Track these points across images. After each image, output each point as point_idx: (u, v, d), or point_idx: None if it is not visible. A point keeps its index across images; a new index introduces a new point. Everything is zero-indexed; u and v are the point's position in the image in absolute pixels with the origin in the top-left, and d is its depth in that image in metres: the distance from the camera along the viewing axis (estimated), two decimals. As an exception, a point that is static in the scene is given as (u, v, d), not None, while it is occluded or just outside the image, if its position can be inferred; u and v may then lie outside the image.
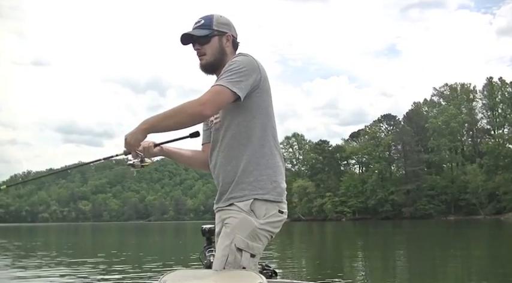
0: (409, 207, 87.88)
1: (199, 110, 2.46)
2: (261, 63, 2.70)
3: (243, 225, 2.54)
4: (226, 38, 2.75)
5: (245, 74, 2.55)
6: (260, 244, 2.57)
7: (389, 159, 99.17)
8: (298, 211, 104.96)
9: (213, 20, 2.74)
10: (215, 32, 2.72)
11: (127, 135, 2.55)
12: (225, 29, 2.76)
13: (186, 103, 2.49)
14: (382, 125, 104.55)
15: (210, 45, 2.72)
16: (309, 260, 15.78)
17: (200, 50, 2.73)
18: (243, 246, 2.51)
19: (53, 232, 54.32)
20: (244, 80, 2.55)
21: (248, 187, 2.58)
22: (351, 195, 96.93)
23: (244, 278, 2.35)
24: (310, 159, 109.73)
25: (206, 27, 2.72)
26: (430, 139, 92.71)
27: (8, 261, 15.62)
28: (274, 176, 2.63)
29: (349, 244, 23.97)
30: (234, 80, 2.51)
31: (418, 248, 19.83)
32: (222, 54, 2.73)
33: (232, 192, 2.61)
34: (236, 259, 2.50)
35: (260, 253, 2.59)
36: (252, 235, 2.53)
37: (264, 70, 2.68)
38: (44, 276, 11.40)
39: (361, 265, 14.19)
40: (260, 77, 2.63)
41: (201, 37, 2.71)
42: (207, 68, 2.76)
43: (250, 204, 2.56)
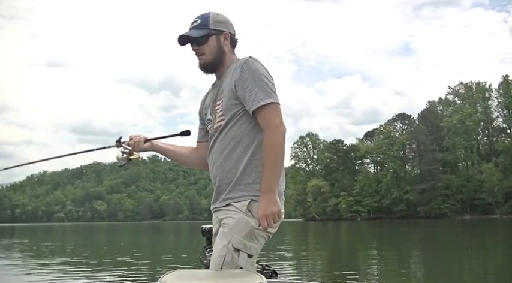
0: (424, 207, 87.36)
1: (283, 133, 2.55)
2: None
3: (241, 226, 2.53)
4: (224, 36, 2.73)
5: (271, 81, 2.61)
6: (257, 244, 2.56)
7: (404, 158, 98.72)
8: (312, 210, 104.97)
9: (209, 19, 2.71)
10: (212, 31, 2.69)
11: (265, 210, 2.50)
12: (222, 28, 2.73)
13: (271, 140, 2.53)
14: (397, 124, 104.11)
15: (207, 45, 2.70)
16: (323, 260, 15.74)
17: (198, 50, 2.71)
18: (240, 246, 2.50)
19: (70, 232, 54.64)
20: (274, 87, 2.62)
21: (246, 188, 2.57)
22: (365, 195, 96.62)
23: (244, 278, 2.35)
24: (324, 159, 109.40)
25: (203, 27, 2.70)
26: (445, 138, 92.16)
27: (32, 261, 15.75)
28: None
29: (364, 244, 23.86)
30: (273, 92, 2.58)
31: (434, 248, 19.70)
32: (221, 53, 2.72)
33: (229, 192, 2.60)
34: (233, 260, 2.49)
35: (257, 254, 2.58)
36: (249, 236, 2.52)
37: None
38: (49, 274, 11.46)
39: (376, 265, 14.13)
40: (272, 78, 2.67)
41: (198, 38, 2.69)
42: (206, 68, 2.75)
43: (248, 205, 2.54)
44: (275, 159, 2.53)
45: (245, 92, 2.56)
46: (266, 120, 2.54)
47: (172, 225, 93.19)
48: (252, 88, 2.55)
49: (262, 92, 2.54)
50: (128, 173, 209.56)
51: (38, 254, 18.96)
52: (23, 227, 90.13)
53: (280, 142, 2.54)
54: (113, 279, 10.92)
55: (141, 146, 2.86)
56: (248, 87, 2.55)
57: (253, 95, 2.54)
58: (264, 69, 2.62)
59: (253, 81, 2.55)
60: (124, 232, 51.95)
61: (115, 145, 2.88)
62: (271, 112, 2.54)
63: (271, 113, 2.54)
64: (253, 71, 2.57)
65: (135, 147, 2.84)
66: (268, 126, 2.54)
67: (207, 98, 2.85)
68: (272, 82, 2.61)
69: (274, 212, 2.49)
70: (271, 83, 2.60)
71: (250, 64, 2.60)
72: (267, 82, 2.57)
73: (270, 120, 2.53)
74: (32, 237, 39.44)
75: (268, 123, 2.54)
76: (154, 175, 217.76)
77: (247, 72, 2.57)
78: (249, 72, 2.57)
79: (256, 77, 2.56)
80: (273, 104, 2.54)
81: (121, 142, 2.88)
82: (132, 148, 2.83)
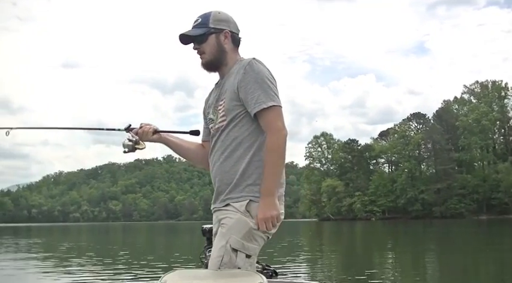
0: (440, 206, 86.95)
1: (284, 137, 2.58)
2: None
3: (239, 226, 2.53)
4: (224, 35, 2.71)
5: (274, 83, 2.61)
6: (256, 245, 2.56)
7: (419, 157, 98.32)
8: (327, 210, 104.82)
9: (210, 17, 2.71)
10: (212, 29, 2.69)
11: (265, 214, 2.53)
12: (223, 26, 2.72)
13: (273, 143, 2.55)
14: (412, 124, 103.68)
15: (207, 43, 2.69)
16: (337, 261, 15.69)
17: (199, 49, 2.72)
18: (238, 246, 2.50)
19: (76, 232, 54.96)
20: (276, 89, 2.61)
21: (245, 189, 2.57)
22: (380, 195, 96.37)
23: (244, 278, 2.34)
24: (339, 159, 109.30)
25: (203, 25, 2.70)
26: (460, 137, 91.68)
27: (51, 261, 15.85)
28: None
29: (379, 245, 23.74)
30: (275, 94, 2.57)
31: (450, 248, 19.55)
32: (221, 51, 2.71)
33: (229, 193, 2.60)
34: (231, 260, 2.49)
35: (256, 254, 2.58)
36: (247, 236, 2.52)
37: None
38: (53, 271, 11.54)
39: (391, 266, 14.06)
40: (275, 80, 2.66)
41: (197, 36, 2.69)
42: (207, 67, 2.75)
43: (246, 205, 2.55)
44: (276, 162, 2.56)
45: (247, 94, 2.56)
46: (268, 124, 2.56)
47: (186, 225, 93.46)
48: (254, 90, 2.55)
49: (264, 94, 2.54)
50: (142, 173, 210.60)
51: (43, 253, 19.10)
52: (40, 227, 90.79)
53: (282, 145, 2.56)
54: (118, 277, 10.96)
55: (149, 137, 2.87)
56: (250, 89, 2.55)
57: (255, 97, 2.54)
58: (267, 71, 2.62)
59: (255, 83, 2.55)
60: (135, 232, 52.17)
61: (124, 130, 2.91)
62: (273, 115, 2.55)
63: (273, 116, 2.55)
64: (256, 73, 2.57)
65: (143, 136, 2.86)
66: (270, 129, 2.55)
67: (211, 97, 2.85)
68: (275, 84, 2.61)
69: (274, 216, 2.52)
70: (274, 85, 2.59)
71: (253, 66, 2.59)
72: (269, 84, 2.57)
73: (272, 123, 2.55)
74: (48, 236, 39.74)
75: (270, 127, 2.55)
76: (169, 176, 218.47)
77: (250, 74, 2.57)
78: (252, 74, 2.56)
79: (259, 79, 2.56)
80: (274, 107, 2.54)
81: (130, 129, 2.89)
82: (139, 137, 2.85)
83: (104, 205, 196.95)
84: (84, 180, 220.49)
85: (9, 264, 14.75)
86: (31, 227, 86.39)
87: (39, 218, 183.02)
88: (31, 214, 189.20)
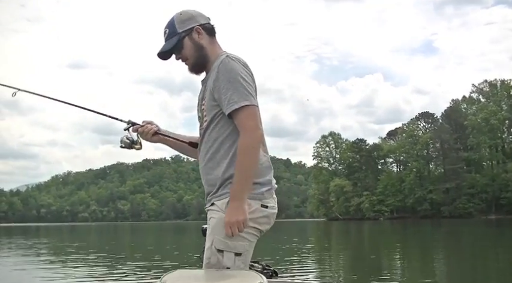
0: (448, 206, 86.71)
1: (257, 138, 2.49)
2: (247, 61, 2.62)
3: (220, 225, 2.49)
4: (196, 31, 2.64)
5: (248, 81, 2.51)
6: (244, 241, 2.50)
7: (428, 157, 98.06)
8: (335, 210, 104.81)
9: (175, 23, 2.64)
10: (182, 34, 2.63)
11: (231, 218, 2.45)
12: (190, 25, 2.64)
13: (245, 143, 2.47)
14: (420, 123, 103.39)
15: (185, 49, 2.64)
16: (346, 261, 15.69)
17: (181, 57, 2.67)
18: (222, 246, 2.47)
19: (82, 231, 55.14)
20: (251, 87, 2.52)
21: (227, 187, 2.53)
22: (388, 194, 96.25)
23: (244, 278, 2.34)
24: (347, 158, 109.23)
25: (172, 34, 2.64)
26: (469, 137, 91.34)
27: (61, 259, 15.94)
28: (255, 178, 2.54)
29: (387, 245, 23.70)
30: (249, 93, 2.48)
31: (459, 248, 19.52)
32: (200, 49, 2.64)
33: (214, 193, 2.58)
34: (219, 261, 2.47)
35: (248, 251, 2.53)
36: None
37: (250, 68, 2.60)
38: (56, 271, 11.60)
39: (399, 266, 14.04)
40: (252, 77, 2.58)
41: (173, 48, 2.65)
42: (195, 70, 2.70)
43: (227, 202, 2.50)
44: (248, 163, 2.48)
45: (220, 94, 2.50)
46: (240, 124, 2.48)
47: (194, 225, 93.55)
48: (226, 90, 2.48)
49: (236, 94, 2.46)
50: (151, 173, 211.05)
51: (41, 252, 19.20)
52: (48, 227, 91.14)
53: (253, 146, 2.47)
54: (119, 277, 11.00)
55: (149, 137, 2.87)
56: (223, 89, 2.49)
57: (227, 97, 2.47)
58: (241, 68, 2.52)
59: (228, 82, 2.48)
60: (142, 231, 52.25)
61: (125, 122, 2.91)
62: (245, 115, 2.47)
63: (246, 116, 2.47)
64: (229, 72, 2.49)
65: (143, 135, 2.86)
66: (242, 129, 2.48)
67: (200, 95, 2.80)
68: (249, 82, 2.52)
69: (240, 221, 2.44)
70: (248, 83, 2.50)
71: (226, 64, 2.51)
72: (242, 83, 2.48)
73: (245, 123, 2.47)
74: (54, 236, 39.89)
75: (242, 127, 2.48)
76: (177, 175, 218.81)
77: (222, 72, 2.50)
78: (224, 73, 2.49)
79: (231, 78, 2.48)
80: (247, 107, 2.46)
81: (132, 123, 2.89)
82: (139, 135, 2.86)
83: (113, 205, 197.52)
84: (93, 180, 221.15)
85: (15, 262, 14.85)
86: (40, 227, 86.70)
87: (48, 218, 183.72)
88: (40, 214, 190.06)
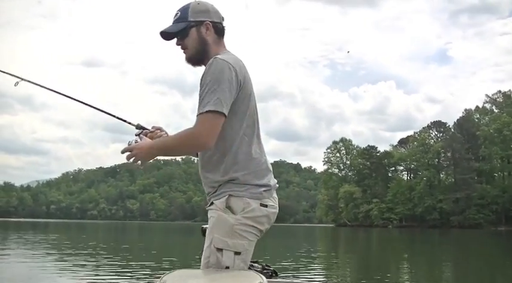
0: (458, 216, 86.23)
1: (201, 144, 2.47)
2: (242, 61, 2.60)
3: (219, 224, 2.50)
4: (206, 26, 2.62)
5: (224, 88, 2.44)
6: (244, 240, 2.50)
7: (439, 166, 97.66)
8: (344, 216, 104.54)
9: (188, 10, 2.62)
10: (192, 23, 2.61)
11: (137, 149, 2.52)
12: (203, 17, 2.62)
13: (186, 137, 2.48)
14: (432, 132, 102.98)
15: (189, 38, 2.62)
16: (352, 267, 15.68)
17: (182, 44, 2.65)
18: (221, 245, 2.48)
19: (99, 229, 55.31)
20: (225, 94, 2.44)
21: (225, 186, 2.54)
22: (398, 202, 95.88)
23: (244, 278, 2.35)
24: (357, 165, 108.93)
25: (182, 19, 2.62)
26: (481, 147, 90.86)
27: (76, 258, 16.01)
28: (253, 178, 2.57)
29: (394, 253, 23.64)
30: (217, 99, 2.41)
31: (467, 259, 19.43)
32: (204, 44, 2.63)
33: (213, 193, 2.60)
34: (218, 260, 2.47)
35: (248, 250, 2.53)
36: (230, 233, 2.48)
37: (242, 72, 2.54)
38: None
39: (406, 275, 14.02)
40: (238, 82, 2.51)
41: (178, 32, 2.63)
42: (191, 61, 2.69)
43: (226, 201, 2.51)
44: (179, 150, 2.57)
45: (200, 94, 2.47)
46: (196, 123, 2.44)
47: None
48: (202, 92, 2.46)
49: (207, 98, 2.41)
50: (161, 173, 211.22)
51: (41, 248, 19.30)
52: (57, 223, 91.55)
53: (186, 143, 2.50)
54: (119, 277, 11.05)
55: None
56: (200, 90, 2.47)
57: (200, 100, 2.46)
58: (225, 72, 2.45)
59: (206, 84, 2.44)
60: (149, 231, 52.38)
61: (135, 126, 2.91)
62: (203, 119, 2.41)
63: (202, 121, 2.42)
64: (210, 74, 2.45)
65: None
66: (193, 127, 2.44)
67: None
68: (225, 88, 2.43)
69: (138, 154, 2.50)
70: (222, 89, 2.42)
71: (211, 66, 2.47)
72: (216, 88, 2.41)
73: (198, 126, 2.43)
74: (62, 233, 40.09)
75: (194, 126, 2.44)
76: (186, 176, 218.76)
77: (205, 74, 2.48)
78: (206, 75, 2.47)
79: (210, 80, 2.44)
80: (210, 113, 2.40)
81: (141, 128, 2.87)
82: None
83: (122, 204, 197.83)
84: (103, 178, 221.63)
85: (23, 257, 14.96)
86: (49, 223, 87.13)
87: (57, 214, 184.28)
88: (50, 210, 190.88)
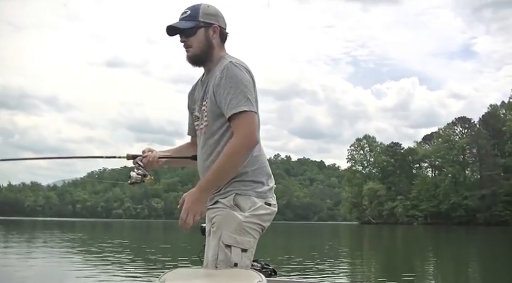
0: (484, 213, 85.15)
1: (252, 145, 2.53)
2: (248, 65, 2.66)
3: (228, 221, 2.53)
4: (213, 29, 2.67)
5: (249, 89, 2.54)
6: (250, 237, 2.54)
7: (464, 162, 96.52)
8: (368, 214, 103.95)
9: (199, 10, 2.66)
10: (201, 23, 2.64)
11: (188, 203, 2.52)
12: (212, 20, 2.67)
13: (236, 148, 2.50)
14: (457, 128, 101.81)
15: (195, 37, 2.65)
16: (376, 266, 15.64)
17: (186, 42, 2.67)
18: (231, 242, 2.50)
19: (97, 227, 55.76)
20: (252, 94, 2.55)
21: (231, 185, 2.58)
22: (422, 199, 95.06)
23: (243, 277, 2.36)
24: (381, 162, 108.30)
25: (192, 18, 2.65)
26: (507, 143, 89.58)
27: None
28: (257, 177, 2.63)
29: (420, 252, 23.44)
30: (248, 100, 2.51)
31: (494, 257, 19.22)
32: (209, 46, 2.67)
33: (217, 191, 2.62)
34: (226, 256, 2.49)
35: (253, 247, 2.56)
36: (238, 230, 2.51)
37: (252, 74, 2.64)
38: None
39: (431, 275, 13.96)
40: (254, 83, 2.61)
41: (186, 29, 2.65)
42: (193, 60, 2.71)
43: (233, 199, 2.56)
44: (228, 166, 2.52)
45: (221, 98, 2.54)
46: (236, 128, 2.51)
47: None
48: (227, 95, 2.51)
49: (236, 99, 2.49)
50: (184, 172, 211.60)
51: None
52: (83, 222, 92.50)
53: (241, 152, 2.51)
54: (121, 277, 11.15)
55: (155, 166, 2.88)
56: (223, 94, 2.53)
57: (227, 102, 2.51)
58: (244, 74, 2.56)
59: (229, 87, 2.51)
60: (172, 230, 52.59)
61: (125, 158, 2.92)
62: (242, 120, 2.49)
63: (242, 121, 2.49)
64: (231, 78, 2.52)
65: (148, 166, 2.85)
66: (236, 133, 2.51)
67: (195, 93, 2.83)
68: (250, 89, 2.55)
69: (197, 210, 2.50)
70: (249, 90, 2.53)
71: (229, 70, 2.54)
72: (242, 89, 2.51)
73: (239, 128, 2.50)
74: (84, 231, 40.50)
75: (236, 131, 2.51)
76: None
77: (225, 78, 2.53)
78: (227, 79, 2.53)
79: (233, 83, 2.52)
80: (245, 113, 2.49)
81: (133, 157, 2.88)
82: (146, 166, 2.84)
83: (146, 202, 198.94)
84: (128, 177, 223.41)
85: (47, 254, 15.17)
86: (75, 222, 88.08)
87: (83, 213, 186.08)
88: (75, 209, 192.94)
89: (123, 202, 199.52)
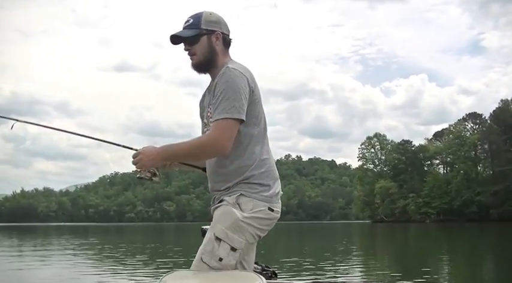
0: (497, 209, 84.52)
1: (220, 149, 2.56)
2: (250, 70, 2.69)
3: (225, 216, 2.57)
4: (216, 36, 2.72)
5: (238, 95, 2.55)
6: (242, 238, 2.54)
7: (475, 159, 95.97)
8: (380, 212, 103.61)
9: (201, 18, 2.71)
10: (203, 31, 2.69)
11: (143, 154, 2.64)
12: (214, 27, 2.72)
13: (203, 143, 2.61)
14: (467, 124, 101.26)
15: (199, 45, 2.70)
16: (390, 264, 15.58)
17: (190, 50, 2.72)
18: (221, 235, 2.52)
19: (113, 231, 55.90)
20: (240, 101, 2.55)
21: (237, 186, 2.63)
22: (435, 196, 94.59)
23: (244, 279, 2.37)
24: (392, 160, 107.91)
25: (194, 26, 2.70)
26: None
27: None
28: (264, 180, 2.66)
29: (434, 250, 23.32)
30: (235, 107, 2.53)
31: (509, 255, 19.08)
32: (212, 53, 2.71)
33: (223, 190, 2.68)
34: (214, 249, 2.52)
35: (243, 250, 2.56)
36: (233, 227, 2.53)
37: (252, 79, 2.66)
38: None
39: (445, 273, 13.89)
40: (250, 88, 2.62)
41: (189, 37, 2.70)
42: (198, 68, 2.75)
43: (236, 198, 2.60)
44: (188, 152, 2.65)
45: (214, 102, 2.58)
46: (211, 130, 2.57)
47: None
48: (216, 100, 2.56)
49: (222, 105, 2.53)
50: (196, 174, 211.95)
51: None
52: (96, 226, 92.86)
53: (204, 150, 2.60)
54: (123, 276, 11.17)
55: (166, 167, 2.94)
56: (215, 98, 2.58)
57: (215, 107, 2.56)
58: (238, 79, 2.58)
59: (219, 93, 2.56)
60: (187, 232, 52.66)
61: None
62: (219, 125, 2.53)
63: (218, 126, 2.53)
64: (223, 83, 2.56)
65: (164, 167, 2.88)
66: (208, 134, 2.60)
67: (204, 101, 2.85)
68: (240, 95, 2.55)
69: (147, 165, 2.65)
70: (238, 96, 2.54)
71: (224, 75, 2.59)
72: (231, 96, 2.53)
73: (213, 131, 2.55)
74: (97, 236, 40.62)
75: (211, 132, 2.57)
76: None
77: (219, 84, 2.58)
78: (220, 84, 2.57)
79: (223, 89, 2.56)
80: (225, 120, 2.52)
81: None
82: (156, 169, 2.79)
83: (158, 205, 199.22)
84: (139, 181, 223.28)
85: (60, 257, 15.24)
86: (88, 227, 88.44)
87: (96, 218, 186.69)
88: (88, 213, 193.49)
89: (135, 206, 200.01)
